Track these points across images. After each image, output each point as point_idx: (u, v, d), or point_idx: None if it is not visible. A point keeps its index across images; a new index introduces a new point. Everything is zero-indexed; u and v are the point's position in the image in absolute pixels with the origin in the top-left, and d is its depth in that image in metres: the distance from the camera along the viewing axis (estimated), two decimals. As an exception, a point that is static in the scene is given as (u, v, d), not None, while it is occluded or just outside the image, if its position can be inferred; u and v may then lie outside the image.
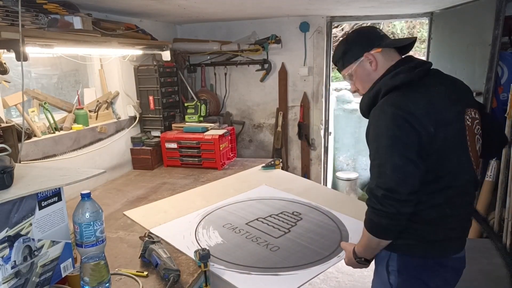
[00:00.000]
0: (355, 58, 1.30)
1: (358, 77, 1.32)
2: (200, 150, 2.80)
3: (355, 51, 1.30)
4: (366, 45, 1.29)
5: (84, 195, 1.20)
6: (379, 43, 1.28)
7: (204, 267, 1.39)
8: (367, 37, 1.31)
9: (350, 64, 1.32)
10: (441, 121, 1.11)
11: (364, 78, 1.31)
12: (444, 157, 1.12)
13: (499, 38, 2.33)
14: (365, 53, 1.28)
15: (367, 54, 1.27)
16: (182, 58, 3.45)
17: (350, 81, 1.37)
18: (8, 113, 2.07)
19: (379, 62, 1.27)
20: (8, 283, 1.00)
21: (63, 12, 1.91)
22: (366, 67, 1.29)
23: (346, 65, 1.33)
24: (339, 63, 1.37)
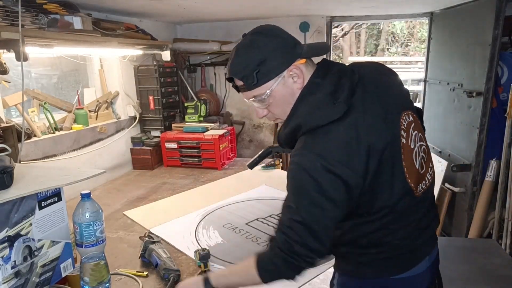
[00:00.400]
0: (276, 73, 0.95)
1: (277, 100, 0.98)
2: (200, 150, 2.80)
3: (274, 63, 0.95)
4: (289, 54, 0.96)
5: (84, 195, 1.20)
6: (299, 50, 0.97)
7: (204, 267, 1.39)
8: (286, 41, 0.98)
9: (267, 81, 0.95)
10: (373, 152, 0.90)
11: (286, 100, 0.98)
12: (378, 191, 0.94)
13: (499, 38, 2.33)
14: (291, 65, 0.95)
15: (293, 67, 0.95)
16: (182, 58, 3.45)
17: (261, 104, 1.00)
18: (8, 113, 2.07)
19: (306, 76, 0.98)
20: (8, 283, 1.00)
21: (63, 12, 1.91)
22: (289, 85, 0.97)
23: (261, 82, 0.95)
24: (246, 79, 0.96)
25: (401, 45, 13.70)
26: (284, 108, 1.00)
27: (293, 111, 0.98)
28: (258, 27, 1.01)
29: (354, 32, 12.85)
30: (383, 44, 13.82)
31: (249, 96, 1.00)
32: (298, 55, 0.96)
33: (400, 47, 13.69)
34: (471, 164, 2.57)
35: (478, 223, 2.52)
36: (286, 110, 0.99)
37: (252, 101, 1.01)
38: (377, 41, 13.99)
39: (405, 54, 13.33)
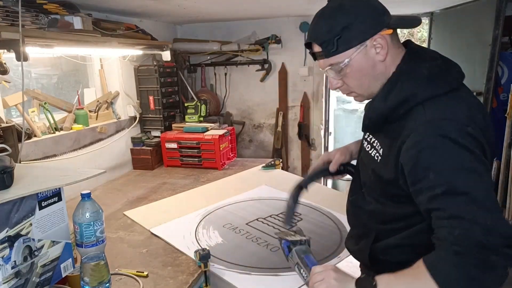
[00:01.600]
0: (359, 41, 0.88)
1: (355, 71, 0.91)
2: (200, 150, 2.80)
3: (359, 28, 0.87)
4: (375, 22, 0.88)
5: (84, 195, 1.21)
6: (387, 20, 0.89)
7: (204, 267, 1.39)
8: (373, 7, 0.90)
9: (347, 49, 0.89)
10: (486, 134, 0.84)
11: (365, 72, 0.91)
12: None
13: (499, 38, 2.33)
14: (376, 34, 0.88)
15: (377, 37, 0.88)
16: (182, 58, 3.45)
17: (335, 73, 0.94)
18: (8, 113, 2.07)
19: (390, 49, 0.90)
20: (8, 283, 1.00)
21: (63, 12, 1.91)
22: (370, 56, 0.89)
23: (340, 50, 0.89)
24: (326, 45, 0.90)
25: (401, 45, 13.71)
26: (361, 81, 0.93)
27: (393, 84, 0.90)
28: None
29: (354, 32, 12.87)
30: (383, 44, 13.82)
31: (325, 65, 0.93)
32: (385, 24, 0.88)
33: (400, 47, 13.70)
34: (471, 164, 2.57)
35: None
36: (363, 83, 0.93)
37: (328, 70, 0.94)
38: (377, 41, 14.00)
39: (405, 54, 13.36)
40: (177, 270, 1.43)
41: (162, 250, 1.60)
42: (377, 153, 0.98)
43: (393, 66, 0.93)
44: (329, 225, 1.83)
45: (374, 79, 0.93)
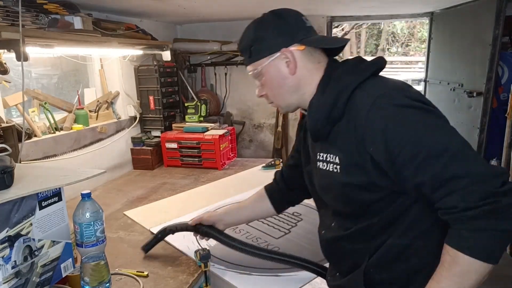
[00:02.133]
0: (269, 52, 0.96)
1: (269, 80, 0.99)
2: (200, 150, 2.80)
3: (270, 42, 0.96)
4: (287, 37, 0.96)
5: (84, 195, 1.20)
6: (302, 37, 0.96)
7: (204, 267, 1.39)
8: (289, 24, 0.98)
9: (259, 58, 0.98)
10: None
11: (277, 83, 0.98)
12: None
13: (499, 38, 2.33)
14: (283, 48, 0.95)
15: (284, 50, 0.95)
16: (182, 58, 3.45)
17: (257, 81, 1.03)
18: (8, 113, 2.07)
19: (299, 64, 0.96)
20: (9, 283, 1.01)
21: (63, 12, 1.91)
22: (281, 68, 0.97)
23: (254, 58, 0.99)
24: (244, 52, 1.01)
25: (402, 45, 13.71)
26: (276, 91, 1.00)
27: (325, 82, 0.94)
28: (279, 9, 1.02)
29: (354, 32, 12.86)
30: (384, 44, 13.82)
31: (248, 71, 1.03)
32: (298, 40, 0.95)
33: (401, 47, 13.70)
34: (471, 164, 2.57)
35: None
36: (277, 93, 1.00)
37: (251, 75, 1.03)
38: (378, 41, 14.00)
39: (405, 54, 13.34)
40: (177, 270, 1.43)
41: (162, 250, 1.60)
42: (333, 164, 0.94)
43: (313, 80, 0.97)
44: (329, 225, 1.83)
45: (288, 91, 0.99)
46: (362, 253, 0.96)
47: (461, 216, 0.74)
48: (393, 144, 0.80)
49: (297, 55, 0.95)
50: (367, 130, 0.83)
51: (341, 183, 0.92)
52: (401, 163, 0.80)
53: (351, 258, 1.00)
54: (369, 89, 0.86)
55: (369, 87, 0.87)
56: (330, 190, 1.00)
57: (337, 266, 1.11)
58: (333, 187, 0.97)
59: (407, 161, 0.79)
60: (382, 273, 0.94)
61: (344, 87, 0.88)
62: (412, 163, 0.78)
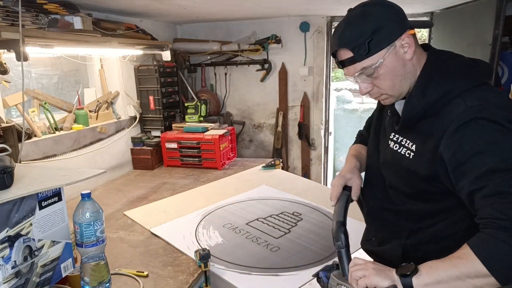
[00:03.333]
0: (389, 42, 0.92)
1: (388, 71, 0.94)
2: (200, 150, 2.80)
3: (388, 31, 0.92)
4: (401, 23, 0.93)
5: (84, 195, 1.21)
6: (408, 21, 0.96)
7: (204, 267, 1.39)
8: (399, 11, 0.96)
9: (379, 50, 0.92)
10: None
11: (396, 72, 0.95)
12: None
13: (499, 38, 2.33)
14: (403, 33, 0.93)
15: (404, 36, 0.93)
16: (182, 58, 3.45)
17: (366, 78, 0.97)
18: (8, 113, 2.07)
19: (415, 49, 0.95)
20: (9, 283, 1.01)
21: (63, 12, 1.91)
22: (400, 55, 0.94)
23: (373, 52, 0.92)
24: (358, 49, 0.93)
25: (401, 45, 13.68)
26: (393, 81, 0.96)
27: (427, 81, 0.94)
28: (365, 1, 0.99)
29: (354, 32, 12.84)
30: (383, 44, 13.79)
31: (356, 70, 0.96)
32: (408, 25, 0.95)
33: (400, 47, 13.67)
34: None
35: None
36: (395, 83, 0.96)
37: (359, 75, 0.97)
38: (377, 41, 13.98)
39: (405, 54, 13.33)
40: (177, 270, 1.43)
41: (162, 250, 1.60)
42: (408, 150, 1.00)
43: (419, 65, 0.98)
44: (329, 225, 1.83)
45: (405, 78, 0.97)
46: (403, 229, 1.03)
47: (493, 222, 0.77)
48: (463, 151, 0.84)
49: (413, 40, 0.95)
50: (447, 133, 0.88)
51: (409, 168, 0.98)
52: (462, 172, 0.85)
53: (392, 230, 1.07)
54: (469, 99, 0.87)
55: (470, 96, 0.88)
56: (394, 169, 1.06)
57: (375, 232, 1.18)
58: (399, 168, 1.03)
59: (468, 171, 0.83)
60: (417, 252, 1.00)
61: (448, 92, 0.90)
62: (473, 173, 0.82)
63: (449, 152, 0.87)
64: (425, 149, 0.94)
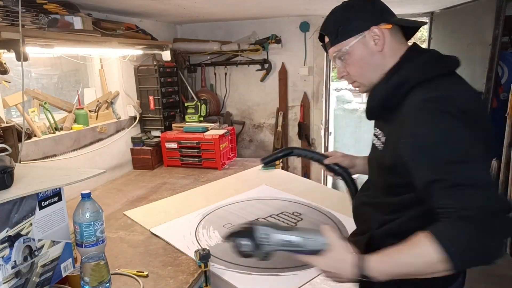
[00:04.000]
0: (357, 31, 0.99)
1: (355, 58, 1.01)
2: (200, 150, 2.80)
3: (359, 21, 1.00)
4: (374, 16, 1.00)
5: (84, 195, 1.21)
6: (389, 17, 1.01)
7: (204, 267, 1.39)
8: (377, 6, 1.03)
9: (348, 38, 1.00)
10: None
11: (364, 61, 1.01)
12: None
13: (499, 38, 2.33)
14: (373, 26, 0.98)
15: (374, 27, 0.98)
16: (182, 58, 3.45)
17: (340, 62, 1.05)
18: (8, 113, 2.07)
19: (387, 42, 0.99)
20: (9, 283, 1.01)
21: (63, 12, 1.91)
22: (369, 46, 0.99)
23: (342, 38, 1.01)
24: (331, 34, 1.04)
25: (401, 45, 13.68)
26: (362, 69, 1.02)
27: (395, 71, 0.98)
28: None
29: (354, 32, 12.84)
30: (383, 44, 13.80)
31: (332, 52, 1.05)
32: (384, 19, 1.00)
33: (400, 47, 13.67)
34: (471, 164, 2.57)
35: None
36: (363, 71, 1.02)
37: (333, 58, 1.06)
38: (377, 41, 13.98)
39: (405, 54, 13.33)
40: (177, 270, 1.43)
41: (162, 250, 1.60)
42: (379, 141, 1.05)
43: (394, 59, 1.01)
44: (329, 224, 1.83)
45: (373, 68, 1.01)
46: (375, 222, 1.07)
47: (453, 212, 0.78)
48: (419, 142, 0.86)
49: (385, 33, 0.99)
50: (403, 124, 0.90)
51: (377, 160, 1.06)
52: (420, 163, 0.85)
53: (368, 223, 1.11)
54: (425, 89, 0.90)
55: (427, 87, 0.90)
56: (372, 161, 1.13)
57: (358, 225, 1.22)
58: (373, 159, 1.11)
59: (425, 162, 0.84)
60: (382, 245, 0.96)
61: (404, 81, 0.94)
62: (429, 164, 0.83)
63: (405, 143, 0.89)
64: (389, 140, 0.99)
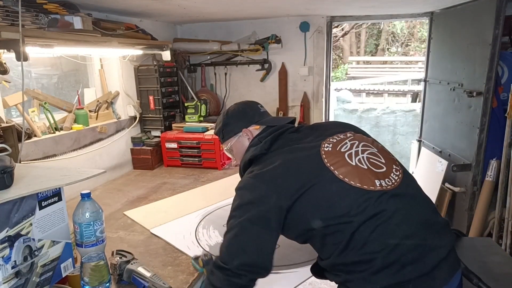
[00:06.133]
0: (234, 133, 1.38)
1: (236, 151, 1.40)
2: (200, 150, 2.80)
3: (234, 125, 1.38)
4: (245, 121, 1.38)
5: (84, 195, 1.21)
6: (258, 119, 1.38)
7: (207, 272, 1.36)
8: (246, 113, 1.41)
9: (228, 138, 1.40)
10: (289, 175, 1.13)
11: (242, 151, 1.36)
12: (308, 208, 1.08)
13: (499, 37, 2.33)
14: (243, 129, 1.36)
15: (245, 130, 1.36)
16: (182, 58, 3.45)
17: (230, 155, 1.44)
18: (8, 113, 2.07)
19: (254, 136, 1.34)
20: (9, 283, 1.01)
21: (63, 12, 1.91)
22: (243, 142, 1.37)
23: (226, 138, 1.41)
24: (219, 135, 1.44)
25: (401, 45, 13.69)
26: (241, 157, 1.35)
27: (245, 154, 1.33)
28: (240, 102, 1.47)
29: (354, 32, 12.85)
30: (383, 44, 13.81)
31: (224, 147, 1.45)
32: (253, 123, 1.37)
33: (400, 47, 13.69)
34: (471, 164, 2.57)
35: (478, 223, 2.52)
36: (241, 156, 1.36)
37: (226, 151, 1.45)
38: (377, 41, 13.99)
39: (405, 54, 13.32)
40: (177, 270, 1.43)
41: (162, 250, 1.60)
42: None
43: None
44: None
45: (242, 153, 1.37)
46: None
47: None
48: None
49: (253, 132, 1.36)
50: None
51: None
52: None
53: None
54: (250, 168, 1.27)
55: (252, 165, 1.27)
56: None
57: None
58: None
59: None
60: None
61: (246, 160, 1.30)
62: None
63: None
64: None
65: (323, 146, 1.16)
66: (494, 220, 2.51)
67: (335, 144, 1.17)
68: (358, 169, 1.09)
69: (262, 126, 1.36)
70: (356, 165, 1.10)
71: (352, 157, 1.12)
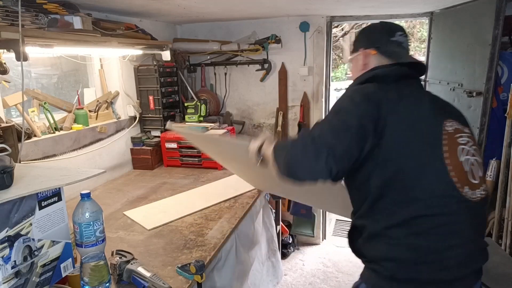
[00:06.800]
0: (356, 50, 1.39)
1: (353, 65, 1.42)
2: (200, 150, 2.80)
3: (358, 43, 1.38)
4: (367, 42, 1.35)
5: (84, 195, 1.21)
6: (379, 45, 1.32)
7: (201, 279, 1.33)
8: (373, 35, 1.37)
9: (354, 52, 1.40)
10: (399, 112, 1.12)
11: (356, 68, 1.39)
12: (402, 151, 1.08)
13: (499, 38, 2.33)
14: (361, 49, 1.35)
15: (362, 51, 1.35)
16: (182, 58, 3.45)
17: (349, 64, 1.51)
18: (8, 113, 2.07)
19: (370, 63, 1.32)
20: (8, 283, 1.01)
21: (63, 12, 1.91)
22: (358, 62, 1.37)
23: (352, 51, 1.43)
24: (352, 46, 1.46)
25: (401, 45, 13.66)
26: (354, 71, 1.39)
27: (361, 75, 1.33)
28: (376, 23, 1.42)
29: (354, 32, 12.84)
30: (383, 44, 13.78)
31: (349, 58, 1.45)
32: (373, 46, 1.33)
33: (400, 47, 13.65)
34: (471, 164, 2.57)
35: (478, 223, 2.52)
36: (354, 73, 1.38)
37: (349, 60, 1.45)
38: (377, 41, 13.96)
39: (405, 54, 13.30)
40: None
41: (162, 250, 1.60)
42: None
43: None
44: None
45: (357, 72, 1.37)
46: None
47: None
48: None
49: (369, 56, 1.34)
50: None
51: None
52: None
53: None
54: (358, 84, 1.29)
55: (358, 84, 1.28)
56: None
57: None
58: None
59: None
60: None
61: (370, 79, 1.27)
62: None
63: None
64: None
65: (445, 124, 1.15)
66: (493, 220, 2.51)
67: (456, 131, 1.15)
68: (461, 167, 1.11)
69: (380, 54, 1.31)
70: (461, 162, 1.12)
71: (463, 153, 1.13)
